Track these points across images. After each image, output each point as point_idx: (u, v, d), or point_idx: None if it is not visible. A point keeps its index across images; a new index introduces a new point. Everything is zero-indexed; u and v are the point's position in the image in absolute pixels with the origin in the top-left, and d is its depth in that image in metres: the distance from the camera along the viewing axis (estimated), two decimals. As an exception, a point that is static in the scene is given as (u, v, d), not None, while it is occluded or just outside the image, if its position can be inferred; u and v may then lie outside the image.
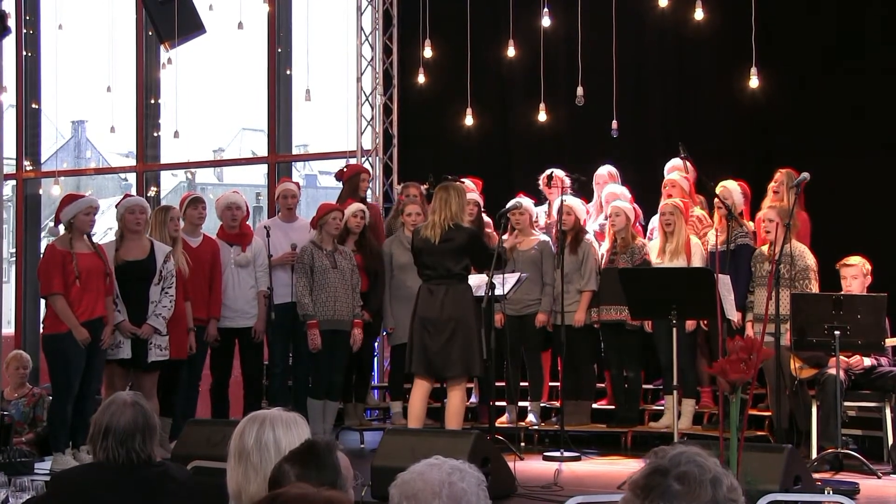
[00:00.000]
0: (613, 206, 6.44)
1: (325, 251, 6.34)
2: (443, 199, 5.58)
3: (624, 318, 6.30)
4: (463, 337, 5.48)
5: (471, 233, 5.64)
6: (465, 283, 5.61)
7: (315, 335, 6.18)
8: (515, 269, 6.25)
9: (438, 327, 5.50)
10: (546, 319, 6.55)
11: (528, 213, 6.64)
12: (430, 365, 5.55)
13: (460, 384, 5.59)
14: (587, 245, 6.54)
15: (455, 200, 5.57)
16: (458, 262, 5.54)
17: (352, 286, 6.39)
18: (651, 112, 7.67)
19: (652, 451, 1.65)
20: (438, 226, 5.54)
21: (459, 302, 5.51)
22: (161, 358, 5.81)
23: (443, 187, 5.69)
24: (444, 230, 5.53)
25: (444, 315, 5.49)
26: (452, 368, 5.52)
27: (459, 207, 5.59)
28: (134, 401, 2.83)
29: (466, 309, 5.51)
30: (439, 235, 5.52)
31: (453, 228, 5.54)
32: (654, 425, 6.44)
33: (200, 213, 6.38)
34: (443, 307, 5.50)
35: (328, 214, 6.37)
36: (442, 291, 5.53)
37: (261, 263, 6.48)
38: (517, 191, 6.83)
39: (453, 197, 5.59)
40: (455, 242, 5.52)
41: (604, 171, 7.01)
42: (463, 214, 5.62)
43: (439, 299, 5.51)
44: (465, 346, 5.49)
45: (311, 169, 24.14)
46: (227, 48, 30.09)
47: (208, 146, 28.66)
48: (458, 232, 5.54)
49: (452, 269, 5.52)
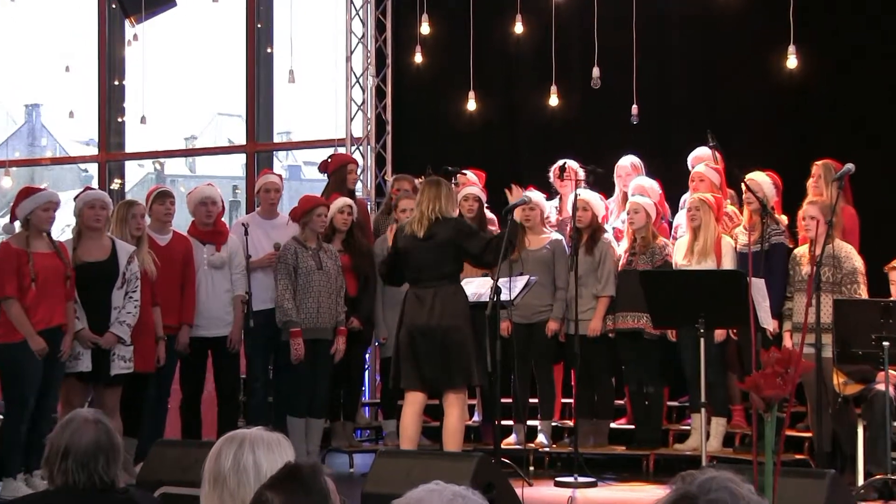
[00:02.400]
0: (631, 203, 6.46)
1: (309, 250, 6.35)
2: (431, 192, 5.60)
3: (644, 327, 6.33)
4: (457, 345, 5.50)
5: (456, 223, 5.62)
6: (455, 285, 5.64)
7: (298, 344, 6.19)
8: (524, 271, 6.26)
9: (429, 336, 5.51)
10: (558, 328, 6.57)
11: (538, 209, 6.65)
12: (423, 379, 5.57)
13: (458, 399, 5.62)
14: (605, 245, 6.55)
15: (445, 194, 5.60)
16: (446, 260, 5.55)
17: (336, 290, 6.41)
18: (675, 96, 7.69)
19: (678, 477, 1.64)
20: (426, 218, 5.55)
21: (451, 306, 5.53)
22: (125, 371, 5.81)
23: (432, 182, 5.71)
24: (430, 223, 5.54)
25: (434, 322, 5.51)
26: (451, 380, 5.55)
27: (450, 203, 5.62)
28: (96, 418, 2.81)
29: (459, 313, 5.53)
30: (425, 229, 5.54)
31: (440, 221, 5.55)
32: (680, 447, 6.45)
33: (169, 209, 6.38)
34: (432, 313, 5.51)
35: (313, 211, 6.38)
36: (430, 295, 5.54)
37: (237, 264, 6.48)
38: (526, 184, 6.83)
39: (444, 191, 5.61)
40: (441, 237, 5.54)
41: (626, 162, 7.00)
42: (453, 208, 5.66)
43: (428, 305, 5.52)
44: (460, 354, 5.51)
45: (294, 159, 24.19)
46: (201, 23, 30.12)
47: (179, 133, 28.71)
48: (443, 225, 5.55)
49: (441, 269, 5.54)
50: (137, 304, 5.82)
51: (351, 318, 6.53)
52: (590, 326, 6.47)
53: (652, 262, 6.36)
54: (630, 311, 6.39)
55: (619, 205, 6.94)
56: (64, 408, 5.73)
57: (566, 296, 6.51)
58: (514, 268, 6.20)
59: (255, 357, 6.56)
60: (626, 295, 6.38)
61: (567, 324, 6.54)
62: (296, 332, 6.21)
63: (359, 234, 6.76)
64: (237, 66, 9.60)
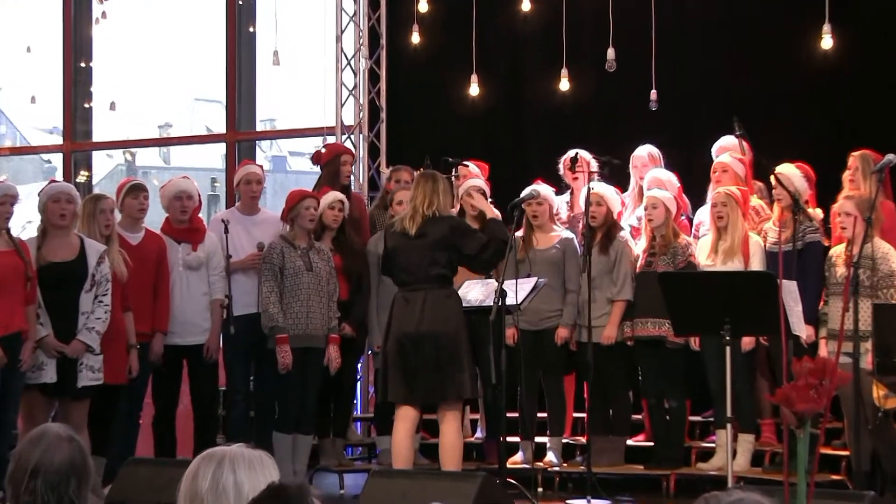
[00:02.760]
0: (649, 197, 6.46)
1: (298, 249, 6.36)
2: (427, 186, 5.63)
3: (665, 335, 6.33)
4: (449, 354, 5.51)
5: (452, 222, 5.65)
6: (448, 289, 5.66)
7: (285, 352, 6.20)
8: (532, 272, 6.26)
9: (418, 344, 5.52)
10: (569, 335, 6.57)
11: (546, 204, 6.65)
12: (413, 392, 5.58)
13: (454, 413, 5.64)
14: (621, 244, 6.54)
15: (442, 190, 5.63)
16: (438, 260, 5.57)
17: (328, 293, 6.42)
18: (698, 80, 7.70)
19: (702, 499, 1.65)
20: (420, 214, 5.59)
21: (442, 311, 5.54)
22: (94, 382, 5.81)
23: (427, 175, 5.74)
24: (424, 220, 5.56)
25: (424, 329, 5.53)
26: (442, 393, 5.55)
27: (447, 199, 5.65)
28: (69, 436, 2.80)
29: (452, 319, 5.55)
30: (418, 226, 5.56)
31: (434, 219, 5.57)
32: (703, 466, 6.46)
33: (142, 204, 6.39)
34: (422, 319, 5.53)
35: (300, 203, 6.38)
36: (420, 300, 5.57)
37: (216, 265, 6.49)
38: (533, 177, 6.85)
39: (440, 186, 5.64)
40: (434, 235, 5.55)
41: (643, 152, 6.99)
42: (449, 205, 5.69)
43: (417, 309, 5.55)
44: (452, 364, 5.52)
45: (279, 149, 24.18)
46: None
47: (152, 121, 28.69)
48: (437, 223, 5.57)
49: (432, 270, 5.56)
50: (108, 309, 5.83)
51: (342, 324, 6.55)
52: (604, 334, 6.47)
53: (673, 263, 6.36)
54: (649, 316, 6.40)
55: (635, 199, 6.96)
56: (25, 423, 5.72)
57: (578, 300, 6.52)
58: (520, 269, 6.23)
59: (236, 367, 6.57)
60: (645, 299, 6.38)
61: (579, 331, 6.55)
62: (283, 339, 6.22)
63: (351, 232, 6.76)
64: (216, 46, 9.60)
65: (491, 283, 5.77)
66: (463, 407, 5.94)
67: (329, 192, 6.70)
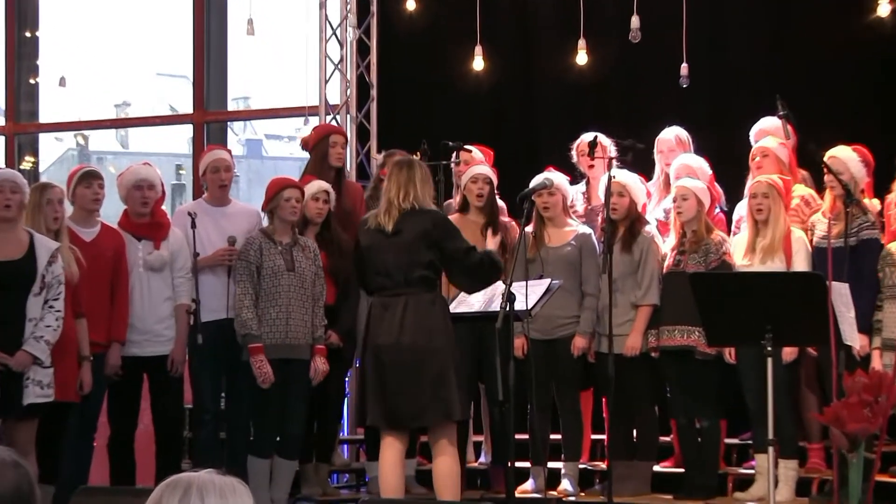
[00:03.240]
0: (679, 187, 6.46)
1: (279, 245, 6.38)
2: (401, 175, 5.64)
3: (696, 345, 6.34)
4: (434, 369, 5.51)
5: (435, 216, 5.64)
6: (433, 293, 5.66)
7: (262, 363, 6.21)
8: (544, 273, 6.26)
9: (398, 358, 5.53)
10: (586, 345, 6.58)
11: (560, 195, 6.65)
12: (393, 414, 5.57)
13: (446, 438, 5.63)
14: (646, 240, 6.56)
15: (420, 178, 5.64)
16: (418, 260, 5.57)
17: (313, 297, 6.43)
18: (735, 52, 7.71)
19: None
20: (395, 208, 5.60)
21: (426, 320, 5.54)
22: (42, 400, 5.78)
23: (402, 163, 5.70)
24: (400, 214, 5.58)
25: (404, 340, 5.53)
26: (422, 415, 5.55)
27: (426, 190, 5.64)
28: (15, 461, 2.79)
29: (436, 329, 5.55)
30: (394, 222, 5.57)
31: (413, 213, 5.57)
32: (741, 496, 6.44)
33: (96, 194, 6.39)
34: (402, 329, 5.53)
35: (281, 193, 6.38)
36: (399, 307, 5.56)
37: (182, 265, 6.50)
38: (545, 164, 6.85)
39: (418, 174, 5.65)
40: (413, 231, 5.55)
41: (669, 135, 7.00)
42: (429, 196, 5.69)
43: (396, 318, 5.55)
44: (436, 382, 5.52)
45: (254, 132, 24.11)
46: (136, -39, 30.14)
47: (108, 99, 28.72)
48: (417, 217, 5.57)
49: (413, 271, 5.56)
50: (60, 315, 5.81)
51: (328, 333, 6.55)
52: (627, 343, 6.47)
53: (705, 263, 6.37)
54: (678, 324, 6.39)
55: (661, 189, 6.97)
56: (-37, 446, 5.73)
57: (597, 304, 6.52)
58: (531, 269, 6.22)
59: (204, 382, 6.58)
60: (674, 304, 6.40)
61: (598, 340, 6.56)
62: (256, 350, 6.24)
63: (337, 228, 6.77)
64: (182, 13, 9.59)
65: (496, 285, 5.74)
66: (460, 429, 5.94)
67: (313, 180, 6.72)
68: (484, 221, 6.70)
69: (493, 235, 6.42)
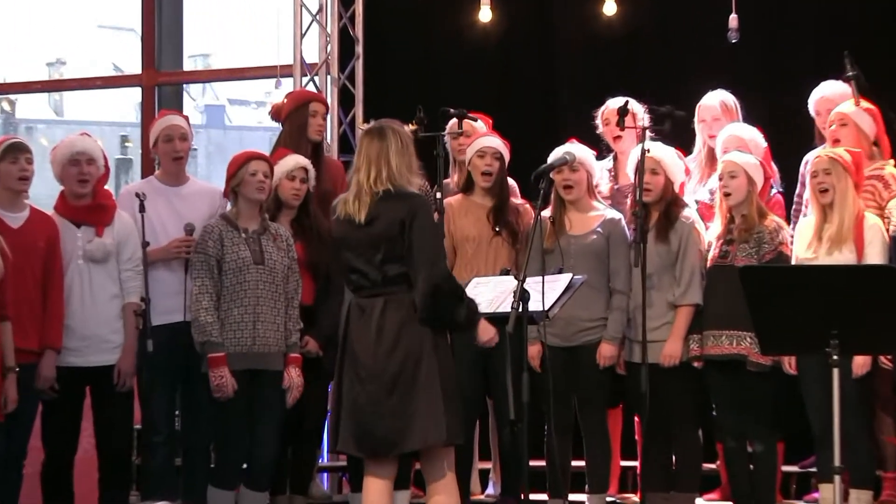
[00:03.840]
0: (727, 163, 6.46)
1: (243, 234, 6.38)
2: (372, 148, 5.57)
3: (747, 353, 6.33)
4: (419, 381, 5.48)
5: (413, 204, 5.51)
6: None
7: (223, 375, 6.20)
8: (564, 267, 6.17)
9: (375, 369, 5.51)
10: (615, 354, 6.57)
11: (584, 172, 6.65)
12: (367, 436, 5.55)
13: (442, 464, 5.59)
14: (685, 227, 6.54)
15: (397, 151, 5.56)
16: (396, 255, 5.51)
17: (286, 296, 6.43)
18: (793, 1, 7.71)
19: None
20: (367, 192, 5.53)
21: (409, 323, 5.51)
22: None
23: (373, 132, 5.63)
24: (373, 199, 5.52)
25: (382, 348, 5.50)
26: (406, 438, 5.50)
27: (404, 164, 5.57)
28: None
29: (422, 333, 5.51)
30: (367, 208, 5.53)
31: (390, 197, 5.51)
32: (801, 534, 6.52)
33: (24, 171, 6.38)
34: (380, 335, 5.51)
35: (245, 168, 6.38)
36: (377, 309, 5.54)
37: (129, 257, 6.50)
38: (566, 135, 6.83)
39: (393, 146, 5.57)
40: (387, 220, 5.49)
41: (714, 100, 7.02)
42: (411, 174, 5.60)
43: (373, 323, 5.52)
44: (424, 396, 5.48)
45: (215, 97, 24.08)
46: None
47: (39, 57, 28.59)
48: (393, 203, 5.49)
49: (388, 268, 5.53)
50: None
51: (305, 339, 6.56)
52: (664, 351, 6.46)
53: (758, 254, 6.36)
54: (726, 328, 6.37)
55: (703, 166, 6.96)
56: None
57: (628, 304, 6.53)
58: (548, 262, 6.15)
59: (157, 398, 6.56)
60: (720, 303, 6.38)
61: (629, 347, 6.56)
62: (217, 360, 6.21)
63: (318, 213, 6.76)
64: (128, -46, 9.56)
65: (507, 281, 5.72)
66: (461, 455, 5.90)
67: (288, 155, 6.72)
68: (491, 205, 6.71)
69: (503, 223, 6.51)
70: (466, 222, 6.73)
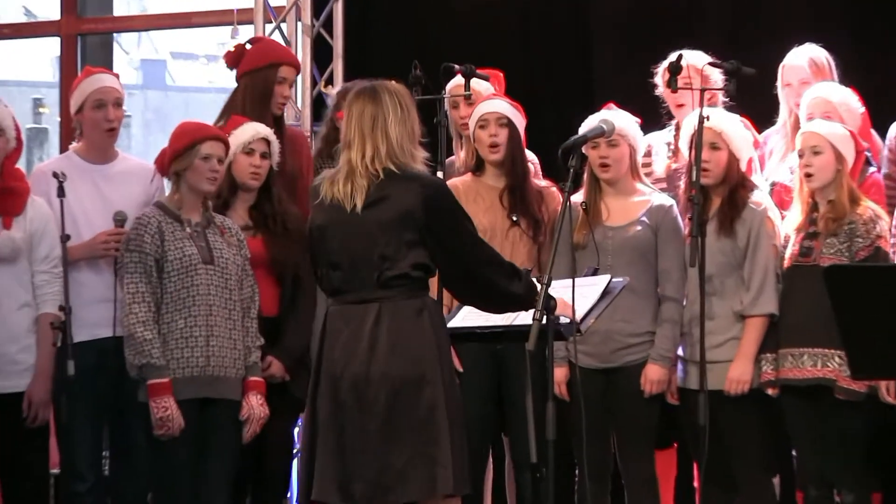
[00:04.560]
0: (808, 134, 6.49)
1: (187, 227, 6.44)
2: (366, 115, 5.60)
3: (835, 377, 6.33)
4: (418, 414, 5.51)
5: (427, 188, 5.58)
6: (418, 298, 5.63)
7: (166, 407, 6.25)
8: (600, 266, 6.13)
9: (364, 398, 5.52)
10: (665, 379, 6.60)
11: (625, 147, 6.70)
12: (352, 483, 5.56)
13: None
14: (757, 216, 6.58)
15: (398, 118, 5.60)
16: (400, 250, 5.55)
17: (241, 304, 6.50)
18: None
19: None
20: (362, 174, 5.58)
21: (407, 339, 5.55)
22: None
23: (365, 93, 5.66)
24: (370, 182, 5.55)
25: (374, 370, 5.51)
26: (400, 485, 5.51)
27: (405, 135, 5.60)
28: None
29: (424, 353, 5.55)
30: (363, 193, 5.56)
31: (393, 178, 5.55)
32: None
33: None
34: (372, 353, 5.52)
35: (196, 148, 6.42)
36: (369, 319, 5.56)
37: (45, 255, 6.60)
38: (602, 99, 6.91)
39: (392, 112, 5.61)
40: (390, 208, 5.55)
41: (801, 58, 7.11)
42: (414, 146, 5.64)
43: (364, 337, 5.55)
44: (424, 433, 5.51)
45: (154, 50, 24.09)
46: None
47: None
48: (398, 187, 5.56)
49: (386, 268, 5.55)
50: None
51: (267, 360, 6.63)
52: (729, 375, 6.48)
53: (849, 251, 6.38)
54: (808, 345, 6.39)
55: (789, 139, 6.99)
56: None
57: (682, 315, 6.58)
58: (580, 260, 6.32)
59: (79, 434, 6.62)
60: (800, 314, 6.41)
61: (684, 370, 6.61)
62: (161, 386, 6.25)
63: (284, 198, 6.84)
64: None
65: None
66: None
67: (245, 123, 6.78)
68: (504, 185, 6.74)
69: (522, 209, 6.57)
70: (476, 209, 6.66)
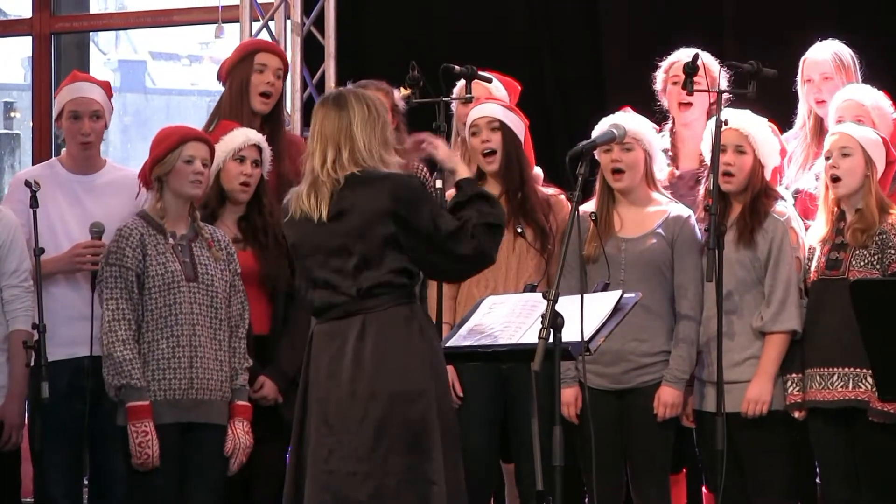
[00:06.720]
0: (839, 136, 6.45)
1: (170, 240, 6.43)
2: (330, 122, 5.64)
3: (867, 399, 6.30)
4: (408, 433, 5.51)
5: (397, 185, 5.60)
6: (404, 306, 5.66)
7: (146, 432, 6.23)
8: (611, 281, 6.13)
9: (351, 415, 5.50)
10: (680, 401, 6.56)
11: (640, 152, 6.68)
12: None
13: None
14: (779, 227, 6.55)
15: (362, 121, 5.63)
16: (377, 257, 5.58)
17: (229, 322, 6.49)
18: None
19: None
20: (325, 182, 5.57)
21: (394, 351, 5.57)
22: None
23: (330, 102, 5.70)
24: (335, 188, 5.56)
25: (360, 387, 5.51)
26: None
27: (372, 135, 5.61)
28: None
29: (413, 364, 5.57)
30: (328, 203, 5.56)
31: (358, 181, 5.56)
32: None
33: None
34: (357, 368, 5.53)
35: (177, 150, 6.40)
36: (352, 334, 5.57)
37: (15, 269, 6.60)
38: (615, 103, 6.93)
39: (357, 116, 5.63)
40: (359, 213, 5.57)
41: (824, 54, 7.09)
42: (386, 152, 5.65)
43: (348, 353, 5.56)
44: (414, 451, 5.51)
45: (133, 50, 23.91)
46: None
47: None
48: (367, 190, 5.57)
49: (362, 277, 5.58)
50: None
51: (260, 380, 6.64)
52: (748, 395, 6.47)
53: (880, 263, 6.35)
54: (837, 364, 6.36)
55: (809, 142, 7.00)
56: None
57: (698, 332, 6.56)
58: (590, 274, 6.32)
59: (54, 460, 6.62)
60: (828, 331, 6.38)
61: (700, 391, 6.60)
62: (141, 409, 6.24)
63: (275, 210, 6.74)
64: None
65: (533, 299, 5.68)
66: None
67: (234, 129, 6.78)
68: (500, 190, 6.71)
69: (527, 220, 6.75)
70: None
